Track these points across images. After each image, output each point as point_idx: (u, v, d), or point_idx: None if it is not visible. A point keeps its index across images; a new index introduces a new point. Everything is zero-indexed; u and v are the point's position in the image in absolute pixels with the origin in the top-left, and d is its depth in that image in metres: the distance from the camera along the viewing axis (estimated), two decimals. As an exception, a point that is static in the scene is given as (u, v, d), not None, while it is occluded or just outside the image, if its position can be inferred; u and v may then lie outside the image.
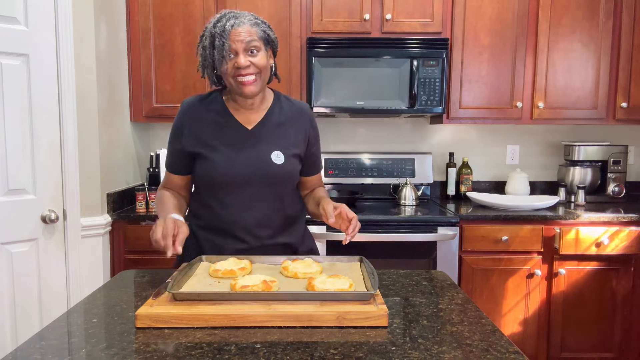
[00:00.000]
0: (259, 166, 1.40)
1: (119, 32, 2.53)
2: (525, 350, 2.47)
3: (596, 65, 2.66)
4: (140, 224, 2.41)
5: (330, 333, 1.01)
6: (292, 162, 1.44)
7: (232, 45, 1.31)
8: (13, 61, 1.97)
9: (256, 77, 1.35)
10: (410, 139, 3.08)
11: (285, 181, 1.45)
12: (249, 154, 1.40)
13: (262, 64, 1.35)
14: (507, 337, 1.00)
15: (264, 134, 1.43)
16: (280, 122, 1.46)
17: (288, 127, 1.46)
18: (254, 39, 1.33)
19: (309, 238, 1.61)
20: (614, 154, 2.80)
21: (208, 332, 1.01)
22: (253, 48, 1.33)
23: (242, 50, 1.32)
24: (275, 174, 1.41)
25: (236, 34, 1.31)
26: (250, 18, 1.36)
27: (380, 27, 2.63)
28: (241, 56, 1.32)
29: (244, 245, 1.44)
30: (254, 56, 1.34)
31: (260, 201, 1.42)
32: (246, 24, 1.33)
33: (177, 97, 2.65)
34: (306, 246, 1.57)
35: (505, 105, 2.69)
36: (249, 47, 1.33)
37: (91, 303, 1.20)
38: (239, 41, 1.32)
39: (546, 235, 2.43)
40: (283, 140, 1.44)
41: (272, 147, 1.42)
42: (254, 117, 1.44)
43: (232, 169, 1.38)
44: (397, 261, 2.40)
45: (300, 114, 1.49)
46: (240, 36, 1.31)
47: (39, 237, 2.08)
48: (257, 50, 1.34)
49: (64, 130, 2.12)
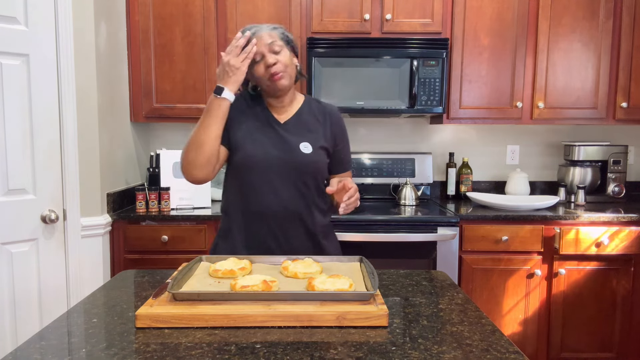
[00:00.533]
0: (288, 153, 1.51)
1: (119, 32, 2.53)
2: (525, 350, 2.47)
3: (596, 65, 2.66)
4: (140, 224, 2.41)
5: (330, 333, 1.01)
6: (319, 154, 1.55)
7: (258, 49, 1.46)
8: (13, 61, 1.97)
9: (283, 73, 1.48)
10: (410, 139, 3.08)
11: (312, 170, 1.54)
12: (280, 142, 1.52)
13: (286, 61, 1.49)
14: (507, 337, 1.00)
15: (294, 127, 1.56)
16: (309, 119, 1.59)
17: (317, 124, 1.59)
18: (275, 40, 1.48)
19: (332, 235, 1.68)
20: (614, 154, 2.80)
21: (208, 332, 1.01)
22: (276, 48, 1.47)
23: (267, 51, 1.47)
24: (302, 161, 1.51)
25: (259, 38, 1.46)
26: (267, 25, 1.52)
27: (380, 27, 2.63)
28: (267, 55, 1.46)
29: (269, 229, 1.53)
30: (278, 54, 1.48)
31: (287, 188, 1.51)
32: (265, 29, 1.49)
33: (177, 97, 2.65)
34: (330, 240, 1.64)
35: (505, 105, 2.69)
36: (272, 48, 1.47)
37: (91, 303, 1.20)
38: (263, 45, 1.46)
39: (546, 235, 2.43)
40: (312, 134, 1.56)
41: (301, 139, 1.54)
42: (287, 114, 1.59)
43: (264, 154, 1.50)
44: (397, 261, 2.40)
45: (328, 113, 1.62)
46: (263, 40, 1.47)
47: (39, 237, 2.08)
48: (280, 49, 1.48)
49: (64, 130, 2.12)
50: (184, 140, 3.02)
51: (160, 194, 2.52)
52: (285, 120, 1.57)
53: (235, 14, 2.60)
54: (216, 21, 2.62)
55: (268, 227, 1.53)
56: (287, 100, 1.58)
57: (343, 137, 1.65)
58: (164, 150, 2.58)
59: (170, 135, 3.04)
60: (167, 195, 2.52)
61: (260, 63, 1.48)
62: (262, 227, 1.54)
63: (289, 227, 1.54)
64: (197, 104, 2.65)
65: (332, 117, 1.62)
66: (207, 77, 2.63)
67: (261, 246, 1.54)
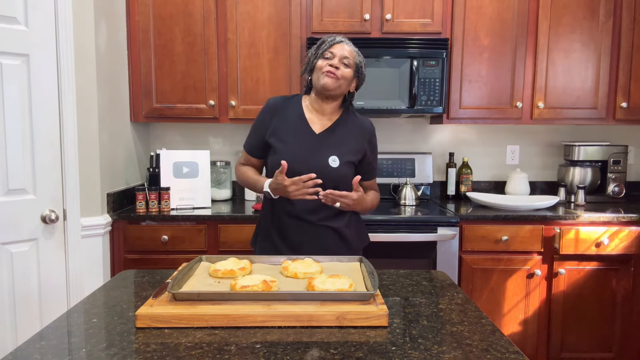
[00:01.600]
0: (316, 166, 1.63)
1: (119, 32, 2.53)
2: (525, 350, 2.47)
3: (596, 65, 2.66)
4: (140, 224, 2.41)
5: (330, 333, 1.01)
6: (345, 168, 1.67)
7: (335, 52, 1.63)
8: (13, 61, 1.97)
9: (338, 79, 1.62)
10: (410, 139, 3.08)
11: (338, 182, 1.66)
12: (311, 154, 1.65)
13: (346, 75, 1.64)
14: (507, 337, 1.00)
15: (327, 139, 1.68)
16: (344, 132, 1.71)
17: (350, 137, 1.71)
18: (350, 57, 1.65)
19: (359, 226, 1.83)
20: (614, 154, 2.81)
21: (208, 332, 1.01)
22: (346, 62, 1.64)
23: (338, 57, 1.63)
24: (328, 174, 1.64)
25: (338, 47, 1.64)
26: (354, 47, 1.69)
27: (380, 27, 2.63)
28: (337, 59, 1.63)
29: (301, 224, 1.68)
30: (345, 67, 1.64)
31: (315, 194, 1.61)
32: (349, 46, 1.67)
33: (177, 97, 2.65)
34: (354, 230, 1.77)
35: (505, 105, 2.69)
36: (343, 60, 1.64)
37: (91, 303, 1.20)
38: (341, 51, 1.64)
39: (546, 235, 2.43)
40: (343, 148, 1.68)
41: (331, 152, 1.66)
42: (323, 125, 1.71)
43: (295, 162, 1.62)
44: (397, 261, 2.40)
45: (362, 128, 1.74)
46: (341, 49, 1.64)
47: (39, 237, 2.08)
48: (348, 65, 1.64)
49: (64, 130, 2.12)
50: (184, 140, 3.03)
51: (160, 194, 2.52)
52: (320, 131, 1.69)
53: (235, 14, 2.60)
54: (216, 21, 2.62)
55: (297, 226, 1.69)
56: (328, 109, 1.70)
57: (373, 151, 1.78)
58: (164, 150, 2.58)
59: (170, 135, 3.04)
60: (167, 195, 2.52)
61: (327, 60, 1.63)
62: (292, 226, 1.69)
63: (317, 227, 1.69)
64: (197, 104, 2.65)
65: (366, 131, 1.75)
66: (207, 77, 2.64)
67: (294, 246, 1.70)
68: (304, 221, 1.68)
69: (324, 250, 1.64)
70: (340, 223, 1.72)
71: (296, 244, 1.70)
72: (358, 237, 1.81)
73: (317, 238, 1.69)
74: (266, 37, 2.62)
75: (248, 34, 2.62)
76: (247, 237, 2.41)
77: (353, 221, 1.78)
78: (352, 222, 1.77)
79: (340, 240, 1.73)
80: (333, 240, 1.71)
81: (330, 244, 1.71)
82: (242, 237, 2.41)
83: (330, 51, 1.63)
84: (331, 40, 1.65)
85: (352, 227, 1.77)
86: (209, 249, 2.44)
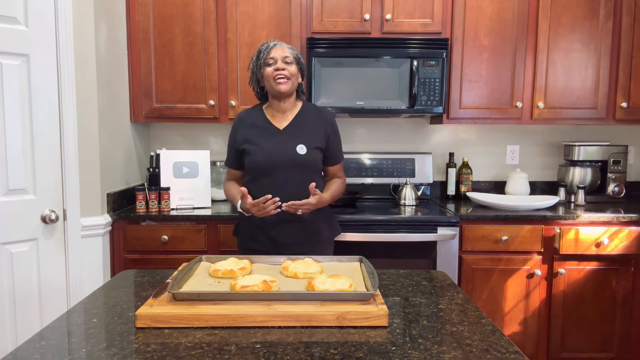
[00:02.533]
0: (286, 155, 1.85)
1: (119, 32, 2.53)
2: (525, 350, 2.47)
3: (596, 65, 2.66)
4: (140, 224, 2.41)
5: (330, 333, 1.01)
6: (313, 153, 1.88)
7: (274, 56, 1.84)
8: (13, 61, 1.97)
9: (288, 80, 1.84)
10: (410, 139, 3.08)
11: (308, 167, 1.88)
12: (280, 147, 1.86)
13: (293, 72, 1.86)
14: (507, 337, 1.00)
15: (291, 132, 1.90)
16: (305, 123, 1.92)
17: (312, 126, 1.91)
18: (287, 55, 1.85)
19: (328, 216, 2.03)
20: (614, 154, 2.80)
21: (208, 332, 1.01)
22: (288, 60, 1.85)
23: (280, 59, 1.84)
24: (299, 161, 1.86)
25: (276, 50, 1.86)
26: (287, 45, 1.90)
27: (380, 27, 2.63)
28: (279, 62, 1.84)
29: (278, 218, 1.85)
30: (288, 65, 1.85)
31: (290, 183, 1.85)
32: (284, 46, 1.88)
33: (177, 97, 2.65)
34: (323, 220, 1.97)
35: (505, 105, 2.69)
36: (285, 59, 1.84)
37: (91, 303, 1.20)
38: (280, 53, 1.84)
39: (546, 235, 2.43)
40: (307, 136, 1.89)
41: (297, 141, 1.87)
42: (285, 121, 1.92)
43: (268, 158, 1.86)
44: (397, 261, 2.40)
45: (321, 116, 1.95)
46: (279, 51, 1.85)
47: (39, 237, 2.08)
48: (290, 62, 1.85)
49: (64, 130, 2.12)
50: (184, 140, 3.03)
51: (160, 194, 2.52)
52: (284, 126, 1.90)
53: (235, 14, 2.60)
54: (216, 21, 2.62)
55: (277, 216, 1.84)
56: (287, 106, 1.92)
57: (335, 136, 1.98)
58: (164, 150, 2.58)
59: (170, 135, 3.04)
60: (167, 195, 2.52)
61: (272, 66, 1.84)
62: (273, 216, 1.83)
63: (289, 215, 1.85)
64: (197, 104, 2.65)
65: (326, 119, 1.95)
66: (207, 77, 2.64)
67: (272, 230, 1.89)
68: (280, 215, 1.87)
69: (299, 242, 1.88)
70: (308, 215, 1.90)
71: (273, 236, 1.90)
72: (329, 227, 2.02)
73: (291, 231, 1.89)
74: (266, 37, 2.62)
75: (248, 34, 2.62)
76: (247, 237, 2.42)
77: (321, 213, 1.96)
78: (320, 214, 1.95)
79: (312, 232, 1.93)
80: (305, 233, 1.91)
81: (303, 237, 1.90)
82: (242, 237, 2.41)
83: (271, 57, 1.83)
84: (266, 47, 1.86)
85: (322, 218, 1.97)
86: (209, 249, 2.44)
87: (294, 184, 1.85)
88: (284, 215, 1.84)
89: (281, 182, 1.85)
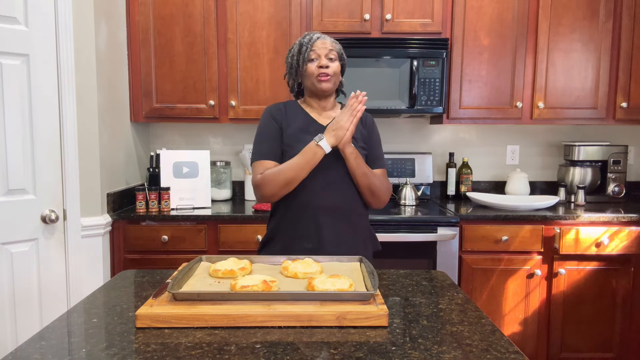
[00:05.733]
0: (334, 154, 1.61)
1: (119, 32, 2.53)
2: (525, 350, 2.47)
3: (596, 65, 2.66)
4: (140, 224, 2.41)
5: (330, 333, 1.01)
6: (359, 151, 1.65)
7: (317, 51, 1.65)
8: (13, 61, 1.97)
9: (331, 78, 1.65)
10: (410, 139, 3.08)
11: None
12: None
13: (336, 70, 1.67)
14: (507, 337, 1.00)
15: None
16: None
17: (355, 125, 1.66)
18: (333, 49, 1.67)
19: (369, 233, 1.81)
20: (614, 154, 2.80)
21: (208, 332, 1.01)
22: (332, 56, 1.66)
23: (323, 55, 1.65)
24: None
25: (320, 43, 1.66)
26: (330, 38, 1.71)
27: (380, 27, 2.63)
28: (323, 58, 1.64)
29: (316, 227, 1.63)
30: (332, 62, 1.66)
31: (335, 183, 1.63)
32: (328, 39, 1.69)
33: (177, 97, 2.65)
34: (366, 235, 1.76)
35: (505, 105, 2.69)
36: (329, 54, 1.65)
37: (91, 303, 1.20)
38: (323, 48, 1.65)
39: (546, 235, 2.43)
40: (352, 134, 1.64)
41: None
42: (328, 119, 1.71)
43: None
44: (397, 261, 2.40)
45: (363, 118, 1.76)
46: (323, 46, 1.66)
47: (39, 237, 2.08)
48: (334, 59, 1.67)
49: (64, 130, 2.12)
50: (184, 140, 3.02)
51: (160, 194, 2.52)
52: (328, 123, 1.68)
53: (235, 14, 2.60)
54: (216, 21, 2.62)
55: (314, 218, 1.62)
56: (329, 105, 1.73)
57: (377, 138, 1.79)
58: (164, 150, 2.58)
59: (170, 135, 3.04)
60: (167, 195, 2.52)
61: (314, 62, 1.65)
62: (310, 219, 1.63)
63: (335, 217, 1.64)
64: (197, 104, 2.65)
65: (367, 118, 1.78)
66: (207, 77, 2.64)
67: (310, 239, 1.64)
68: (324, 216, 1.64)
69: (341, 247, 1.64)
70: (361, 221, 1.74)
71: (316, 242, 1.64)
72: (372, 239, 1.83)
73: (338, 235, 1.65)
74: (266, 37, 2.62)
75: (248, 34, 2.62)
76: (247, 237, 2.41)
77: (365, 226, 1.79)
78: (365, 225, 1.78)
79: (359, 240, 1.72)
80: (353, 239, 1.69)
81: (350, 244, 1.67)
82: (242, 237, 2.41)
83: (314, 51, 1.64)
84: (309, 40, 1.66)
85: (367, 230, 1.79)
86: (209, 249, 2.44)
87: (339, 184, 1.65)
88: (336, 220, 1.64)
89: (324, 184, 1.63)
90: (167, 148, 3.01)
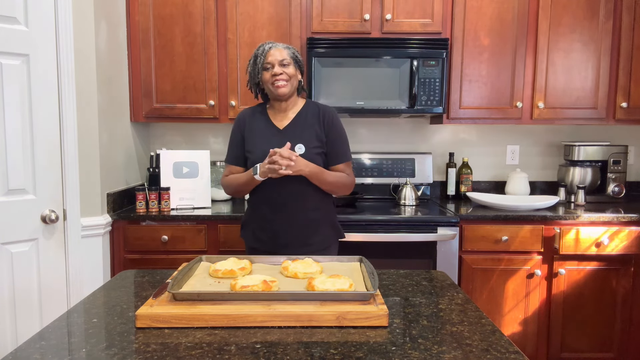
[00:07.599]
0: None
1: (119, 32, 2.53)
2: (525, 350, 2.47)
3: (596, 65, 2.66)
4: (140, 224, 2.41)
5: (330, 333, 1.01)
6: (312, 153, 1.84)
7: (270, 60, 1.82)
8: (13, 61, 1.97)
9: (287, 82, 1.83)
10: (410, 139, 3.08)
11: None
12: (278, 147, 1.79)
13: (291, 73, 1.85)
14: (507, 337, 1.00)
15: (291, 132, 1.88)
16: (306, 122, 1.89)
17: (312, 125, 1.88)
18: (284, 57, 1.84)
19: (331, 217, 1.97)
20: (614, 154, 2.80)
21: (208, 332, 1.01)
22: (285, 62, 1.83)
23: (277, 62, 1.82)
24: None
25: (272, 52, 1.84)
26: (282, 45, 1.88)
27: (380, 27, 2.63)
28: (276, 66, 1.82)
29: (281, 215, 1.86)
30: (286, 67, 1.83)
31: (290, 182, 1.81)
32: (280, 46, 1.86)
33: (177, 97, 2.65)
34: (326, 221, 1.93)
35: (505, 105, 2.69)
36: (282, 61, 1.83)
37: (91, 303, 1.20)
38: (275, 56, 1.83)
39: (546, 235, 2.43)
40: (307, 136, 1.86)
41: (296, 141, 1.84)
42: (286, 120, 1.91)
43: (265, 158, 1.78)
44: (397, 261, 2.40)
45: (321, 114, 1.91)
46: (276, 54, 1.83)
47: (39, 237, 2.08)
48: (287, 64, 1.84)
49: (64, 130, 2.12)
50: (184, 140, 3.03)
51: (160, 194, 2.52)
52: (284, 126, 1.89)
53: (235, 14, 2.60)
54: (216, 21, 2.62)
55: (273, 212, 1.86)
56: (289, 105, 1.91)
57: (336, 133, 1.91)
58: (164, 150, 2.58)
59: (170, 135, 3.04)
60: (167, 195, 2.52)
61: (269, 71, 1.83)
62: (273, 214, 1.86)
63: (291, 211, 1.86)
64: (197, 104, 2.65)
65: (325, 116, 1.90)
66: (207, 77, 2.64)
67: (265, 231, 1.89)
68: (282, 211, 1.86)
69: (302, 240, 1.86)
70: (315, 214, 1.89)
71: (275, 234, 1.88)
72: (332, 227, 1.98)
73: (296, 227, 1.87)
74: (266, 37, 2.62)
75: (248, 34, 2.62)
76: (247, 237, 2.41)
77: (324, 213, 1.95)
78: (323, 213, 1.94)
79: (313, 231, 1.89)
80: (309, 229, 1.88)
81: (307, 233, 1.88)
82: (242, 237, 2.41)
83: (268, 62, 1.82)
84: (262, 51, 1.84)
85: (325, 219, 1.94)
86: (209, 249, 2.44)
87: (295, 183, 1.82)
88: (287, 214, 1.85)
89: (281, 182, 1.82)
90: (167, 148, 3.01)
